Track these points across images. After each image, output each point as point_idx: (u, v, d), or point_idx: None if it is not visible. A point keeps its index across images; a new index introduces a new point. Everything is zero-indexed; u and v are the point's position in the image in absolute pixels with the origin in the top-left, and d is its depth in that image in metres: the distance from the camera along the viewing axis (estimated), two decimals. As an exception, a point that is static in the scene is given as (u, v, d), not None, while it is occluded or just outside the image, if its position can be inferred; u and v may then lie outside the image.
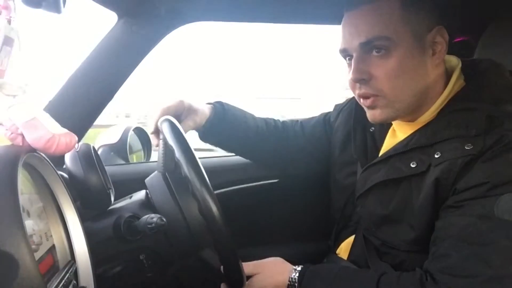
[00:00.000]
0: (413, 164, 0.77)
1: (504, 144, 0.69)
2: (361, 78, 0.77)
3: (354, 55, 0.78)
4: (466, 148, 0.70)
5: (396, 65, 0.75)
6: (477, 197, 0.68)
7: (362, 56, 0.77)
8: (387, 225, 0.83)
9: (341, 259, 0.97)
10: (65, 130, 0.64)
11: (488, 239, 0.66)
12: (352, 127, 0.97)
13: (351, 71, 0.78)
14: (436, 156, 0.74)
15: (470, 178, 0.70)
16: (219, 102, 1.06)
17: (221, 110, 1.03)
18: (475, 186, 0.69)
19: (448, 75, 0.82)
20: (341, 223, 1.02)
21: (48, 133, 0.61)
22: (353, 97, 0.93)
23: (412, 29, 0.75)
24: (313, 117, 1.18)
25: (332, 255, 1.01)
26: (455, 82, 0.81)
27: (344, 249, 0.99)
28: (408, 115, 0.83)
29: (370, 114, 0.82)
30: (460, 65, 0.83)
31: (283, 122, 1.18)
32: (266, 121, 1.14)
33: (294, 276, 0.81)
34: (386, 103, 0.78)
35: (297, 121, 1.19)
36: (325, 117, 1.15)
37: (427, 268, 0.72)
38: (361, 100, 0.81)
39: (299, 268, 0.83)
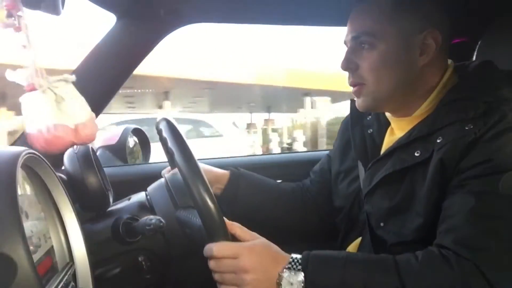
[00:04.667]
0: (417, 153, 0.80)
1: (505, 122, 0.71)
2: (348, 67, 0.86)
3: (348, 46, 0.87)
4: (467, 128, 0.73)
5: (379, 58, 0.83)
6: (481, 175, 0.71)
7: (354, 48, 0.86)
8: (395, 216, 0.84)
9: None
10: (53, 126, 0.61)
11: (496, 214, 0.68)
12: (350, 130, 0.99)
13: (342, 60, 0.87)
14: (438, 141, 0.77)
15: (473, 157, 0.72)
16: (237, 170, 1.09)
17: (235, 180, 1.06)
18: (478, 164, 0.71)
19: (442, 75, 0.86)
20: (348, 226, 1.02)
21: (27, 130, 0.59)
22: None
23: (399, 29, 0.82)
24: (320, 161, 1.17)
25: None
26: (448, 79, 0.85)
27: (351, 251, 0.99)
28: (397, 109, 0.88)
29: (357, 102, 0.90)
30: (452, 65, 0.88)
31: (297, 187, 1.16)
32: (284, 189, 1.15)
33: (295, 259, 0.74)
34: (367, 92, 0.86)
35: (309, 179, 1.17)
36: (329, 153, 1.16)
37: (440, 243, 0.71)
38: (351, 88, 0.89)
39: (298, 257, 0.75)
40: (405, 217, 0.82)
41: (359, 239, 0.97)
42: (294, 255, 0.74)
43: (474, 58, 1.27)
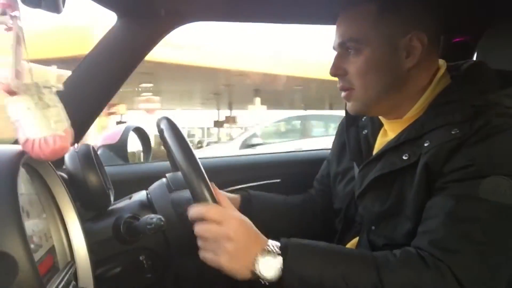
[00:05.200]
0: (405, 157, 0.80)
1: (490, 127, 0.72)
2: (336, 73, 0.88)
3: (336, 52, 0.89)
4: (453, 132, 0.74)
5: (365, 63, 0.83)
6: (462, 179, 0.71)
7: (341, 54, 0.87)
8: (386, 220, 0.84)
9: None
10: (58, 133, 0.61)
11: (472, 218, 0.69)
12: (345, 132, 1.01)
13: (331, 66, 0.89)
14: (425, 145, 0.77)
15: (456, 160, 0.73)
16: (247, 193, 1.07)
17: (247, 204, 1.04)
18: (461, 168, 0.72)
19: (432, 76, 0.87)
20: (344, 225, 1.02)
21: (23, 136, 0.59)
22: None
23: (383, 33, 0.82)
24: (321, 169, 1.18)
25: None
26: (439, 80, 0.85)
27: None
28: (388, 112, 0.89)
29: (347, 106, 0.92)
30: (445, 66, 0.88)
31: (306, 199, 1.16)
32: (293, 204, 1.14)
33: (273, 246, 0.73)
34: (356, 97, 0.87)
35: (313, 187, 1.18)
36: (327, 158, 1.16)
37: (417, 245, 0.73)
38: (342, 93, 0.90)
39: (277, 243, 0.74)
40: (396, 222, 0.82)
41: (356, 239, 0.97)
42: (271, 241, 0.74)
43: (474, 58, 1.28)
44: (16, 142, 0.61)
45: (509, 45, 1.07)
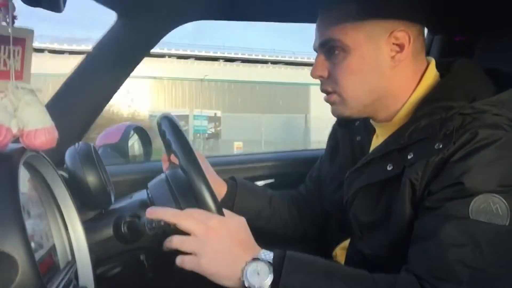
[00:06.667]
0: (389, 167, 0.78)
1: (475, 142, 0.69)
2: (318, 75, 0.84)
3: (317, 53, 0.85)
4: (436, 148, 0.72)
5: (348, 65, 0.80)
6: (451, 198, 0.69)
7: (324, 55, 0.84)
8: (374, 231, 0.82)
9: (338, 262, 0.96)
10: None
11: (467, 241, 0.66)
12: (339, 136, 0.98)
13: (312, 67, 0.85)
14: (409, 157, 0.75)
15: (443, 178, 0.70)
16: (232, 179, 1.05)
17: (233, 189, 1.02)
18: (448, 187, 0.69)
19: (420, 75, 0.83)
20: (335, 228, 1.01)
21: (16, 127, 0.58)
22: None
23: (366, 33, 0.79)
24: (314, 167, 1.15)
25: (329, 258, 0.99)
26: (428, 79, 0.82)
27: (339, 253, 0.98)
28: (375, 115, 0.86)
29: (331, 110, 0.88)
30: (432, 65, 0.84)
31: (294, 197, 1.14)
32: (280, 200, 1.10)
33: (265, 257, 0.69)
34: (341, 101, 0.83)
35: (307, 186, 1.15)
36: (320, 158, 1.13)
37: (413, 270, 0.70)
38: (324, 96, 0.86)
39: (266, 256, 0.69)
40: (381, 233, 0.80)
41: (347, 241, 0.96)
42: (264, 251, 0.70)
43: (475, 56, 1.28)
44: (16, 141, 0.61)
45: (508, 44, 1.07)
